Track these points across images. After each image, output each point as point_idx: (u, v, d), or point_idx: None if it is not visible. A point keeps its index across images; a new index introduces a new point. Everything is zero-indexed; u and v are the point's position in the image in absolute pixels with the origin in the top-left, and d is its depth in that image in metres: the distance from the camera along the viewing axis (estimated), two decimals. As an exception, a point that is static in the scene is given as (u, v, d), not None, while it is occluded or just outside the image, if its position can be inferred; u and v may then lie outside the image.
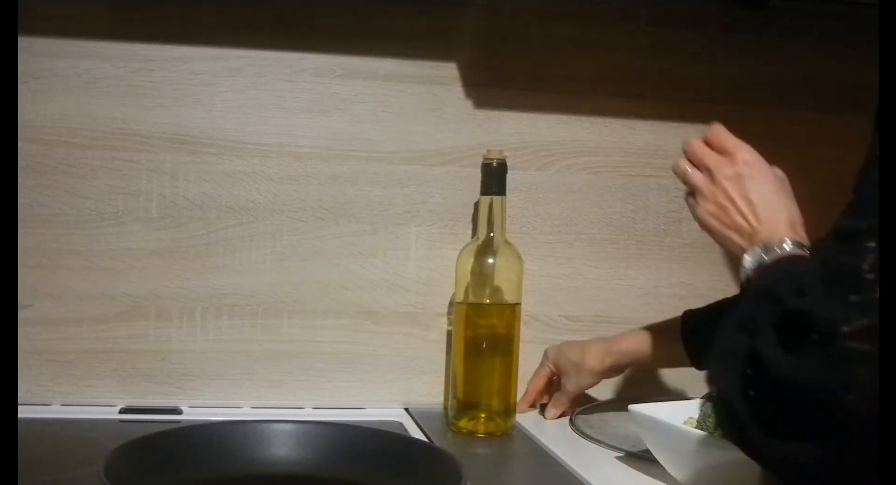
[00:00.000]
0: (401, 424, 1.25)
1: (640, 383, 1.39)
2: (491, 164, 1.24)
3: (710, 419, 1.04)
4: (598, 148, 1.36)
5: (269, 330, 1.29)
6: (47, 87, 1.21)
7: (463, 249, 1.26)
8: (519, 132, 1.34)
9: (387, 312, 1.32)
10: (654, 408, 1.07)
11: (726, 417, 0.78)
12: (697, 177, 1.00)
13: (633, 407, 1.07)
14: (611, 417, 1.27)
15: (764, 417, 0.72)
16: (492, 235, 1.24)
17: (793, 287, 0.74)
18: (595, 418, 1.27)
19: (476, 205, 1.31)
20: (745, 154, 0.97)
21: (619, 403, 1.30)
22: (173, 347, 1.27)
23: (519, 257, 1.25)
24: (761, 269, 0.89)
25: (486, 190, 1.25)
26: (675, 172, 1.03)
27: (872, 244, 0.66)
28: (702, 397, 1.11)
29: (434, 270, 1.33)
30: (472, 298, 1.24)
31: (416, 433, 1.21)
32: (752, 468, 0.93)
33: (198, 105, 1.26)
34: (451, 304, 1.32)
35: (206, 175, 1.26)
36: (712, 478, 0.99)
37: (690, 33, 1.37)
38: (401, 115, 1.31)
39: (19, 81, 1.19)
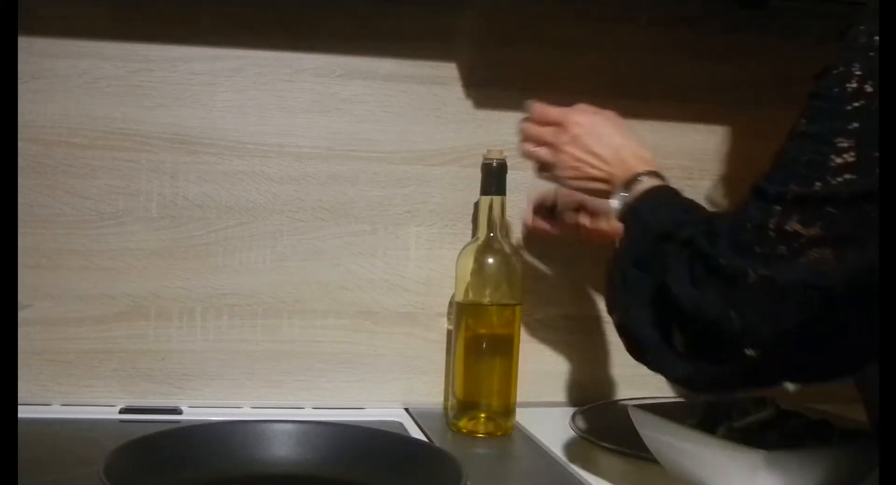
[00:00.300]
0: (401, 424, 1.25)
1: (640, 383, 1.39)
2: (491, 164, 1.24)
3: (710, 419, 1.04)
4: (598, 148, 1.36)
5: (269, 330, 1.29)
6: (47, 87, 1.22)
7: (463, 249, 1.26)
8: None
9: (387, 312, 1.32)
10: (654, 408, 1.07)
11: (634, 343, 0.89)
12: (544, 153, 1.09)
13: (633, 407, 1.07)
14: (611, 417, 1.27)
15: (670, 342, 0.83)
16: (492, 235, 1.24)
17: (706, 232, 0.82)
18: (595, 417, 1.27)
19: (476, 205, 1.31)
20: (572, 116, 1.08)
21: (619, 403, 1.31)
22: (173, 347, 1.27)
23: (519, 257, 1.25)
24: (629, 207, 0.98)
25: (486, 190, 1.25)
26: (525, 157, 1.12)
27: (779, 208, 0.74)
28: (702, 397, 1.11)
29: (434, 270, 1.33)
30: (472, 298, 1.24)
31: (416, 433, 1.21)
32: (752, 468, 0.93)
33: (198, 105, 1.26)
34: (451, 304, 1.32)
35: (206, 175, 1.26)
36: (712, 478, 0.99)
37: (690, 33, 1.37)
38: (401, 115, 1.31)
39: (19, 81, 1.19)
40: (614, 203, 1.01)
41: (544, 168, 1.10)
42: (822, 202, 0.71)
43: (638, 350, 0.88)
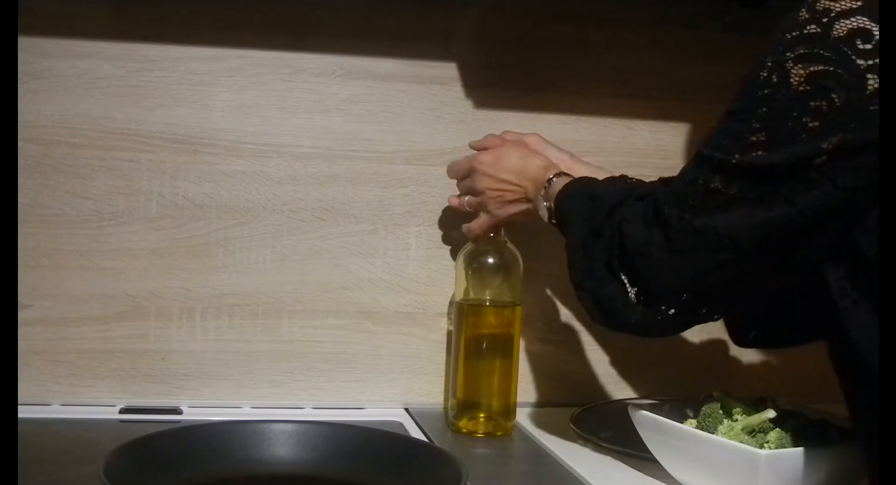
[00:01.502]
0: (401, 424, 1.25)
1: (640, 383, 1.39)
2: (491, 164, 1.24)
3: (710, 419, 1.04)
4: (599, 148, 1.36)
5: (269, 330, 1.29)
6: (47, 87, 1.21)
7: (463, 248, 1.26)
8: (519, 132, 1.33)
9: (387, 312, 1.32)
10: (654, 408, 1.07)
11: (595, 304, 0.96)
12: (470, 200, 1.21)
13: (633, 407, 1.07)
14: (611, 417, 1.27)
15: (625, 297, 0.92)
16: (492, 234, 1.24)
17: (661, 184, 0.95)
18: (595, 418, 1.27)
19: (476, 205, 1.31)
20: (477, 158, 1.19)
21: (619, 403, 1.31)
22: (173, 347, 1.27)
23: (519, 257, 1.25)
24: (553, 207, 1.06)
25: (486, 190, 1.25)
26: (459, 210, 1.24)
27: (708, 169, 0.85)
28: (702, 397, 1.11)
29: (434, 270, 1.33)
30: (472, 298, 1.24)
31: (416, 433, 1.21)
32: (752, 468, 0.93)
33: (198, 105, 1.26)
34: (451, 304, 1.32)
35: (206, 175, 1.26)
36: (712, 478, 0.99)
37: (690, 33, 1.37)
38: (401, 115, 1.31)
39: (19, 81, 1.19)
40: (541, 211, 1.09)
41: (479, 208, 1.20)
42: (738, 171, 0.83)
43: (599, 310, 0.96)
